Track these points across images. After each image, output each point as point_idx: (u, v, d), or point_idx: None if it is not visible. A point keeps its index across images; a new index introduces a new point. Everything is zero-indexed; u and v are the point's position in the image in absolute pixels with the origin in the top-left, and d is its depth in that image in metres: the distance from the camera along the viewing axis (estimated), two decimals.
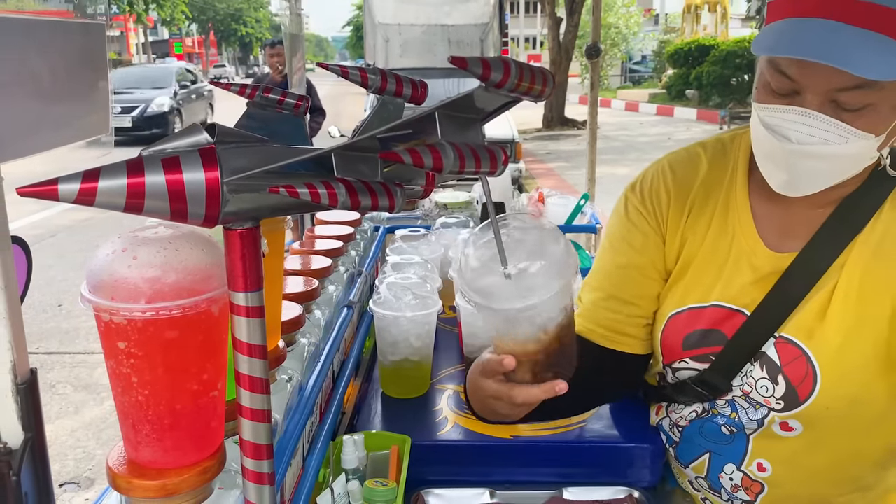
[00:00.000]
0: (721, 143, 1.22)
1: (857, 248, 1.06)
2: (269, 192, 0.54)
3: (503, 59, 0.55)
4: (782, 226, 1.12)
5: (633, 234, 1.22)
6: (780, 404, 1.10)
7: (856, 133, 0.94)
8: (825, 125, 0.94)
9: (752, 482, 1.17)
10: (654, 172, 1.24)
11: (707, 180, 1.19)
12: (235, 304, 0.62)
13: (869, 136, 0.95)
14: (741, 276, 1.13)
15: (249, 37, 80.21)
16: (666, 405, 1.29)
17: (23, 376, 0.62)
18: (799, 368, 1.07)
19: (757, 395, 1.12)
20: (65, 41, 0.74)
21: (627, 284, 1.23)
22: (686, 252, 1.18)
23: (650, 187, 1.23)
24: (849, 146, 0.95)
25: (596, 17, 3.56)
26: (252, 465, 0.66)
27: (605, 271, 1.27)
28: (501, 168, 0.59)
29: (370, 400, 1.54)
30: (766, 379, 1.10)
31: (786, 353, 1.08)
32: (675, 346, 1.19)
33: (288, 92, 0.83)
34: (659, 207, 1.21)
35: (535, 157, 12.79)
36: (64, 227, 7.97)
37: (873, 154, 1.00)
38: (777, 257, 1.11)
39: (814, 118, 0.94)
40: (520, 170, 8.34)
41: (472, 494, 1.32)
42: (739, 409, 1.16)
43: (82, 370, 4.41)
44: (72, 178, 0.50)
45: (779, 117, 0.98)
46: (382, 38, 9.97)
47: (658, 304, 1.22)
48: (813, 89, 0.94)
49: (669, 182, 1.21)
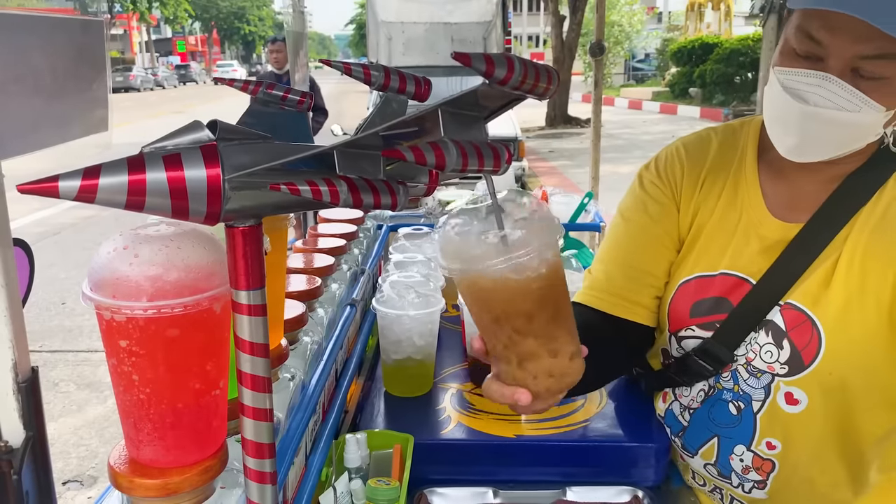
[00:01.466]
0: (731, 128, 1.29)
1: (861, 221, 1.10)
2: (271, 190, 0.54)
3: (507, 55, 0.54)
4: (789, 200, 1.17)
5: (649, 204, 1.28)
6: (784, 369, 1.12)
7: (870, 103, 0.98)
8: (843, 91, 0.98)
9: (763, 461, 1.19)
10: (668, 151, 1.31)
11: (717, 158, 1.25)
12: (237, 302, 0.61)
13: (880, 109, 0.99)
14: (749, 245, 1.17)
15: (252, 35, 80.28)
16: (672, 390, 1.30)
17: (24, 375, 0.62)
18: (804, 333, 1.10)
19: (760, 363, 1.15)
20: (65, 38, 0.74)
21: (643, 253, 1.27)
22: (698, 222, 1.23)
23: (665, 162, 1.29)
24: (861, 116, 0.99)
25: (599, 14, 3.56)
26: (254, 464, 0.66)
27: (618, 243, 1.31)
28: (505, 166, 0.58)
29: (373, 398, 1.54)
30: (772, 344, 1.13)
31: (791, 318, 1.11)
32: (684, 313, 1.23)
33: (291, 88, 0.83)
34: (674, 178, 1.27)
35: (539, 156, 12.78)
36: (67, 225, 7.98)
37: (878, 130, 1.03)
38: (784, 227, 1.15)
39: (833, 83, 0.99)
40: (523, 168, 8.35)
41: (476, 494, 1.32)
42: (741, 380, 1.18)
43: (85, 368, 4.42)
44: (72, 175, 0.49)
45: (799, 80, 1.02)
46: (385, 37, 9.97)
47: (669, 277, 1.27)
48: (837, 54, 0.99)
49: (683, 158, 1.28)
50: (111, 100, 0.82)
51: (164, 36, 73.24)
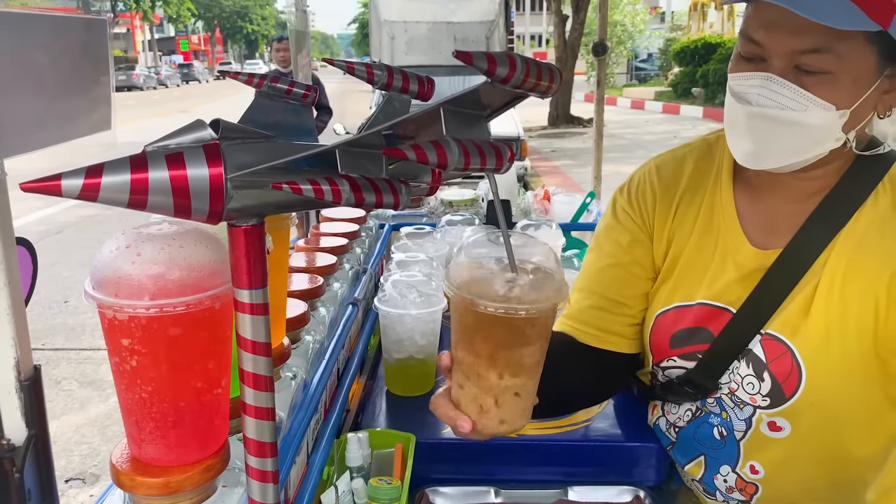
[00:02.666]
0: (707, 143, 1.23)
1: (840, 243, 1.06)
2: (273, 189, 0.54)
3: (509, 54, 0.54)
4: (766, 223, 1.13)
5: (620, 233, 1.24)
6: (766, 401, 1.10)
7: (814, 101, 0.96)
8: (785, 90, 0.97)
9: (746, 483, 1.17)
10: (641, 174, 1.26)
11: (693, 180, 1.20)
12: (239, 300, 0.61)
13: (829, 108, 0.96)
14: (726, 274, 1.13)
15: (255, 34, 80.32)
16: (661, 404, 1.29)
17: (26, 373, 0.62)
18: (784, 365, 1.07)
19: (743, 394, 1.12)
20: (67, 37, 0.74)
21: (613, 283, 1.23)
22: (673, 251, 1.20)
23: (637, 189, 1.25)
24: (808, 115, 0.97)
25: (602, 14, 3.55)
26: (256, 462, 0.66)
27: (591, 271, 1.27)
28: (507, 165, 0.58)
29: (375, 398, 1.54)
30: (752, 376, 1.10)
31: (771, 349, 1.08)
32: (663, 344, 1.20)
33: (296, 82, 0.83)
34: (645, 207, 1.22)
35: (541, 155, 12.77)
36: (70, 224, 7.99)
37: (838, 134, 0.99)
38: (761, 254, 1.11)
39: (775, 82, 0.97)
40: (525, 168, 8.34)
41: (477, 493, 1.32)
42: (727, 408, 1.16)
43: (88, 366, 4.42)
44: (75, 173, 0.50)
45: (744, 83, 1.01)
46: (388, 36, 9.96)
47: (647, 303, 1.23)
48: (776, 52, 0.97)
49: (655, 183, 1.23)
50: (114, 98, 0.82)
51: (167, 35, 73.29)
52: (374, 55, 10.25)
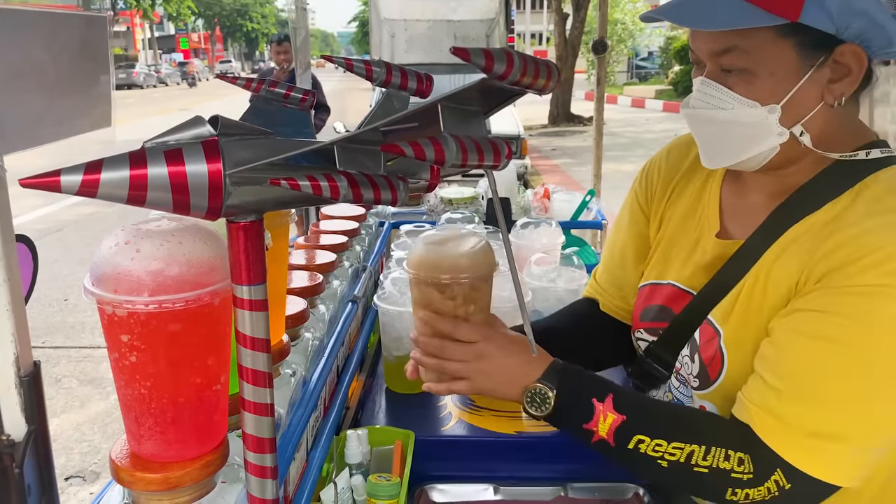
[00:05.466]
0: None
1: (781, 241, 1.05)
2: (272, 185, 0.54)
3: (506, 50, 0.54)
4: (741, 215, 1.15)
5: (628, 208, 1.35)
6: (696, 382, 1.13)
7: (738, 99, 0.99)
8: (713, 90, 1.01)
9: None
10: (658, 155, 1.34)
11: (693, 165, 1.25)
12: (238, 297, 0.62)
13: (753, 104, 0.98)
14: (695, 259, 1.17)
15: (255, 32, 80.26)
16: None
17: (26, 369, 0.62)
18: (711, 349, 1.09)
19: (684, 372, 1.16)
20: (67, 34, 0.74)
21: (618, 255, 1.35)
22: (661, 231, 1.27)
23: (649, 168, 1.33)
24: (737, 113, 0.99)
25: (602, 12, 3.55)
26: (255, 459, 0.66)
27: (608, 245, 1.41)
28: (505, 161, 0.58)
29: (374, 395, 1.54)
30: (688, 356, 1.14)
31: (705, 334, 1.11)
32: (637, 316, 1.27)
33: (294, 86, 0.83)
34: (650, 187, 1.31)
35: (541, 154, 12.77)
36: (70, 222, 7.99)
37: (777, 129, 0.99)
38: (723, 244, 1.13)
39: (706, 85, 1.02)
40: (525, 166, 8.34)
41: (476, 490, 1.32)
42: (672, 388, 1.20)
43: (88, 364, 4.43)
44: (74, 169, 0.50)
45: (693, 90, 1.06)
46: (388, 34, 9.96)
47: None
48: (704, 56, 1.03)
49: (663, 165, 1.30)
50: (114, 96, 0.82)
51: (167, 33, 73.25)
52: (375, 53, 10.23)
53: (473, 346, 1.07)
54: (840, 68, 0.97)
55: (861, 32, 0.94)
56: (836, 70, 0.97)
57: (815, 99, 0.99)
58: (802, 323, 0.95)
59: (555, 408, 1.02)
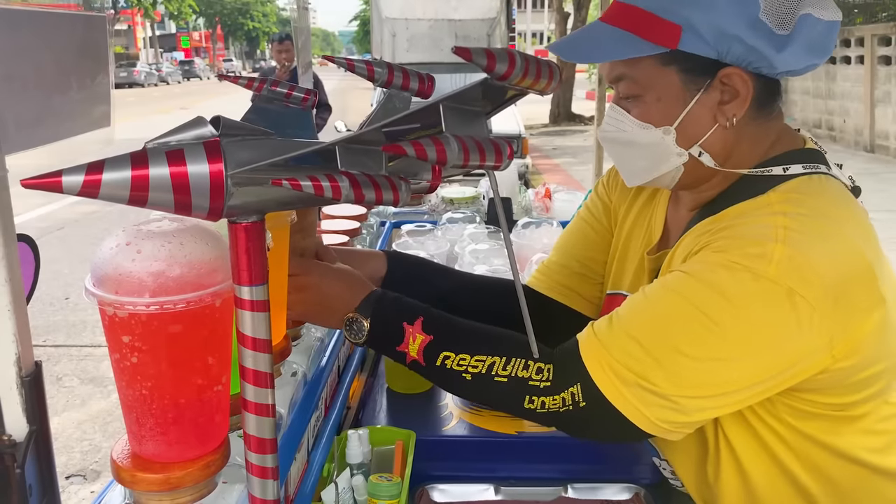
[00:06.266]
0: None
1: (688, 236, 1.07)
2: (273, 185, 0.54)
3: (508, 50, 0.54)
4: (674, 228, 1.18)
5: (594, 206, 1.37)
6: None
7: (634, 122, 1.03)
8: (616, 114, 1.06)
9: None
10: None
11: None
12: (240, 297, 0.62)
13: (647, 127, 1.02)
14: (639, 269, 1.21)
15: (256, 31, 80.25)
16: None
17: (27, 369, 0.62)
18: None
19: None
20: (67, 33, 0.74)
21: (581, 248, 1.35)
22: (617, 236, 1.29)
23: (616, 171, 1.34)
24: (635, 135, 1.04)
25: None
26: (256, 459, 0.66)
27: (567, 233, 1.41)
28: (507, 162, 0.58)
29: (375, 395, 1.54)
30: None
31: None
32: None
33: (296, 86, 0.83)
34: (615, 190, 1.33)
35: (542, 153, 12.76)
36: (71, 221, 7.99)
37: (676, 150, 1.02)
38: (650, 259, 1.17)
39: (611, 109, 1.07)
40: (526, 165, 8.33)
41: (477, 490, 1.32)
42: None
43: (89, 363, 4.43)
44: (76, 170, 0.50)
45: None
46: (389, 33, 9.95)
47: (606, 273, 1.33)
48: (609, 82, 1.08)
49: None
50: (114, 95, 0.82)
51: (168, 32, 73.25)
52: (376, 52, 10.24)
53: (295, 278, 1.10)
54: (729, 90, 0.99)
55: (742, 56, 0.96)
56: (726, 92, 0.99)
57: (708, 120, 1.01)
58: (668, 277, 0.98)
59: (369, 333, 1.06)
